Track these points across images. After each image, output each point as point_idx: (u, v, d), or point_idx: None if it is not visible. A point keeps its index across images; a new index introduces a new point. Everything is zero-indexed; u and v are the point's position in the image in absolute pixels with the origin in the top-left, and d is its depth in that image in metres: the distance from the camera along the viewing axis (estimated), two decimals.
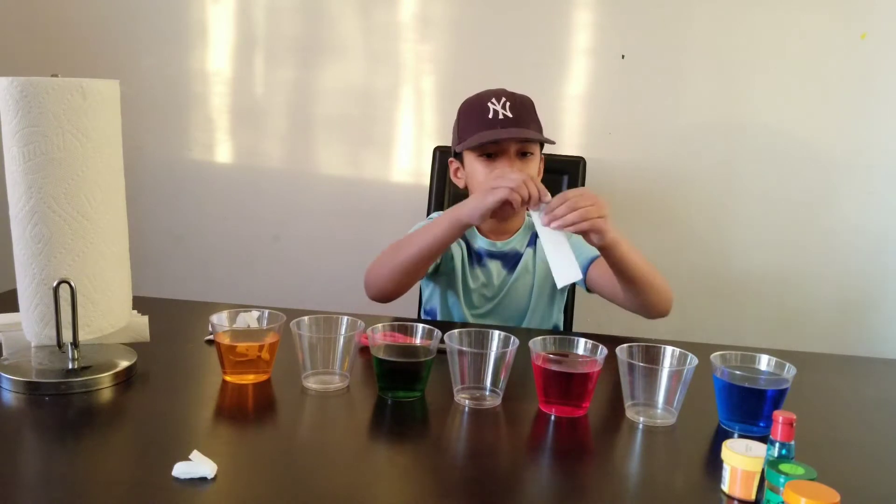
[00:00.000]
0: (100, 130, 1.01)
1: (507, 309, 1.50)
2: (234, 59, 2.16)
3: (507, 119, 1.40)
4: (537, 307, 1.51)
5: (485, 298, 1.51)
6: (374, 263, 1.38)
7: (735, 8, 1.94)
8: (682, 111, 2.02)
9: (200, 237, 2.26)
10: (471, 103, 1.47)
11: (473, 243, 1.51)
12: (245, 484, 0.81)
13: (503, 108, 1.41)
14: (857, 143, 1.97)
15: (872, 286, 2.04)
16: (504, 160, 1.41)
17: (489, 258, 1.51)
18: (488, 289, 1.50)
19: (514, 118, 1.41)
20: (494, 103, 1.41)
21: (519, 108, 1.42)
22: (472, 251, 1.51)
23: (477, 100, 1.46)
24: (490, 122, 1.41)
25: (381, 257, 1.38)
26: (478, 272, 1.50)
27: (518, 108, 1.42)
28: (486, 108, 1.42)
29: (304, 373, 1.07)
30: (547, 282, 1.50)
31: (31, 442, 0.92)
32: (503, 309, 1.50)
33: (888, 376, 1.33)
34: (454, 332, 1.05)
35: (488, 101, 1.42)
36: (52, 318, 1.01)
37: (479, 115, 1.42)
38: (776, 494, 0.74)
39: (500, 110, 1.41)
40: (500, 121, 1.40)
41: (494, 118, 1.41)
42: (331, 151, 2.18)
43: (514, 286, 1.50)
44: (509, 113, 1.41)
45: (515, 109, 1.41)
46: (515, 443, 0.97)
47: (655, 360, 1.03)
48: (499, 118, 1.41)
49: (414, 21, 2.06)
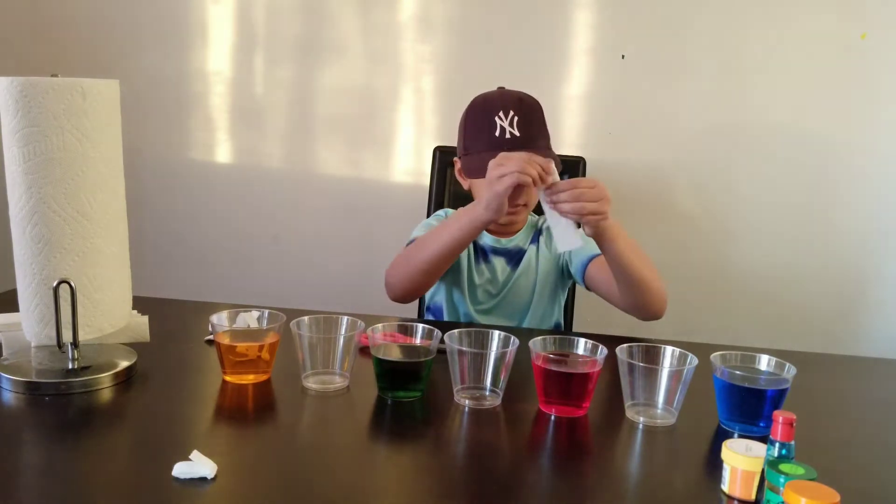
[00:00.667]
0: (100, 130, 1.01)
1: (510, 305, 1.51)
2: (234, 58, 2.16)
3: (514, 139, 1.39)
4: (539, 304, 1.51)
5: (489, 294, 1.51)
6: (394, 265, 1.38)
7: (735, 8, 1.94)
8: (682, 111, 2.02)
9: (200, 237, 2.26)
10: (478, 112, 1.45)
11: (479, 239, 1.51)
12: (245, 484, 0.81)
13: (511, 124, 1.39)
14: (858, 143, 1.97)
15: (873, 286, 2.04)
16: None
17: (494, 255, 1.51)
18: (493, 285, 1.51)
19: (522, 137, 1.39)
20: (502, 118, 1.39)
21: (526, 123, 1.40)
22: (478, 247, 1.52)
23: (484, 110, 1.43)
24: (497, 143, 1.39)
25: (400, 259, 1.38)
26: (483, 268, 1.51)
27: (525, 125, 1.40)
28: (493, 125, 1.40)
29: (304, 373, 1.07)
30: (549, 279, 1.51)
31: (31, 442, 0.92)
32: (506, 305, 1.51)
33: (888, 376, 1.33)
34: (454, 332, 1.05)
35: (496, 116, 1.40)
36: (52, 318, 1.01)
37: (486, 131, 1.40)
38: (776, 494, 0.74)
39: (507, 128, 1.39)
40: (507, 140, 1.38)
41: (501, 137, 1.39)
42: (331, 151, 2.18)
43: (518, 283, 1.50)
44: (517, 131, 1.39)
45: (523, 126, 1.39)
46: (515, 443, 0.97)
47: (655, 360, 1.03)
48: (506, 137, 1.39)
49: (414, 21, 2.06)
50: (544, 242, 1.52)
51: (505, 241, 1.52)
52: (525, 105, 1.42)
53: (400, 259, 1.38)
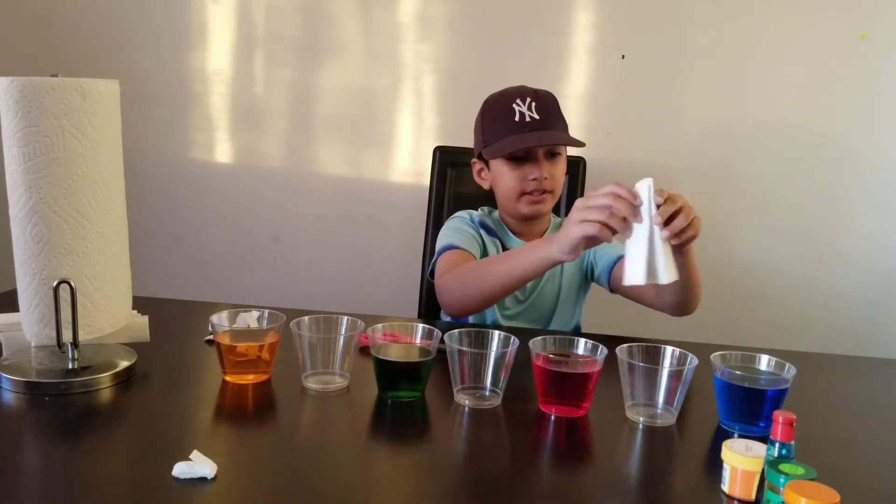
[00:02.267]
0: (100, 130, 1.01)
1: (535, 310, 1.50)
2: (234, 58, 2.16)
3: (534, 121, 1.39)
4: (563, 308, 1.51)
5: (516, 300, 1.50)
6: (453, 283, 1.33)
7: (735, 8, 1.94)
8: (682, 111, 2.02)
9: (200, 237, 2.26)
10: (494, 104, 1.46)
11: (507, 244, 1.51)
12: (245, 484, 0.81)
13: (529, 109, 1.39)
14: (858, 143, 1.97)
15: (873, 286, 2.04)
16: (533, 163, 1.41)
17: None
18: (520, 291, 1.49)
19: (541, 119, 1.40)
20: (520, 104, 1.40)
21: (544, 107, 1.41)
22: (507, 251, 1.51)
23: (500, 100, 1.44)
24: (517, 126, 1.40)
25: (461, 278, 1.32)
26: None
27: (543, 108, 1.41)
28: (511, 111, 1.40)
29: (304, 373, 1.06)
30: (572, 283, 1.51)
31: (31, 442, 0.92)
32: (532, 310, 1.50)
33: (888, 376, 1.33)
34: (454, 332, 1.05)
35: (513, 103, 1.41)
36: (52, 318, 1.01)
37: (505, 117, 1.41)
38: (776, 494, 0.74)
39: (525, 112, 1.39)
40: (528, 123, 1.39)
41: (521, 121, 1.39)
42: (331, 151, 2.18)
43: (544, 288, 1.50)
44: (535, 114, 1.39)
45: (541, 110, 1.40)
46: (515, 443, 0.97)
47: (655, 360, 1.03)
48: (525, 121, 1.39)
49: (414, 21, 2.06)
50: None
51: None
52: (541, 95, 1.44)
53: (456, 281, 1.33)
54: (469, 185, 1.64)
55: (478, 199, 1.63)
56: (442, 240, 1.46)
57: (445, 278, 1.35)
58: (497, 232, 1.51)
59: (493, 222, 1.53)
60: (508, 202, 1.48)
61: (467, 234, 1.47)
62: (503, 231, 1.52)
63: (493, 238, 1.50)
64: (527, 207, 1.45)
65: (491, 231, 1.51)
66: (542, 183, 1.42)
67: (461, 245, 1.43)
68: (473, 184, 1.57)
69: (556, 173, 1.45)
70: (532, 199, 1.44)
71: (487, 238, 1.50)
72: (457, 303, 1.34)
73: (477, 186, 1.56)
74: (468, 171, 1.60)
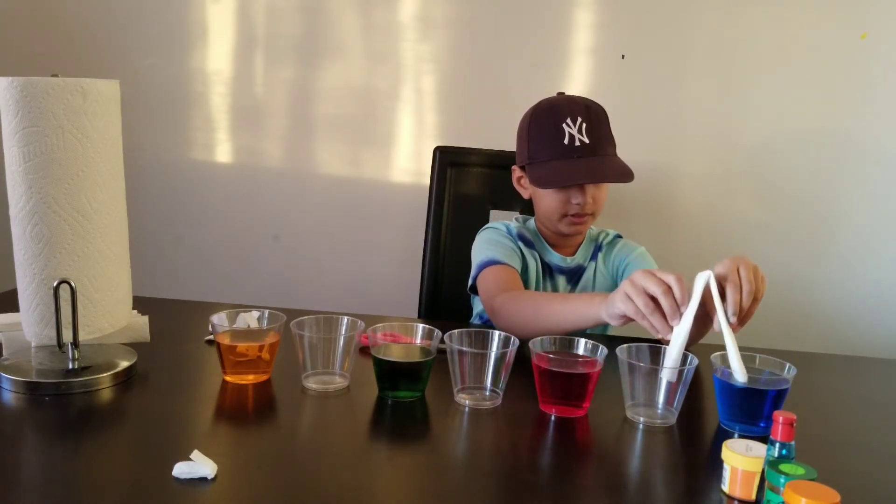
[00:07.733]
0: (100, 130, 1.01)
1: None
2: (234, 58, 2.16)
3: (583, 146, 1.37)
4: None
5: None
6: (508, 307, 1.30)
7: (735, 8, 1.94)
8: (683, 111, 2.01)
9: (200, 237, 2.26)
10: (543, 119, 1.43)
11: (545, 257, 1.51)
12: (245, 484, 0.81)
13: (579, 131, 1.36)
14: (858, 143, 1.97)
15: (873, 287, 2.04)
16: (578, 188, 1.40)
17: (559, 273, 1.51)
18: None
19: (591, 144, 1.37)
20: (570, 125, 1.37)
21: (595, 130, 1.38)
22: (545, 265, 1.51)
23: (550, 117, 1.41)
24: (565, 150, 1.37)
25: (516, 305, 1.30)
26: (548, 286, 1.51)
27: (594, 132, 1.38)
28: (560, 132, 1.37)
29: (304, 373, 1.07)
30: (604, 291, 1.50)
31: (31, 442, 0.92)
32: None
33: (888, 376, 1.33)
34: (454, 332, 1.05)
35: (563, 123, 1.38)
36: (52, 318, 1.01)
37: (554, 139, 1.38)
38: (776, 494, 0.74)
39: (576, 135, 1.36)
40: (577, 149, 1.37)
41: (571, 144, 1.37)
42: (331, 151, 2.18)
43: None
44: (586, 138, 1.37)
45: (591, 131, 1.37)
46: (515, 443, 0.97)
47: (655, 360, 1.03)
48: (575, 145, 1.37)
49: (414, 21, 2.06)
50: (601, 259, 1.52)
51: (570, 260, 1.51)
52: (592, 112, 1.41)
53: (512, 306, 1.29)
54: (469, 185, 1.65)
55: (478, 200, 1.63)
56: (481, 253, 1.44)
57: (498, 301, 1.32)
58: (535, 244, 1.51)
59: (531, 234, 1.52)
60: (548, 220, 1.47)
61: (507, 247, 1.45)
62: (541, 243, 1.52)
63: (531, 250, 1.50)
64: (567, 228, 1.45)
65: (529, 243, 1.50)
66: (585, 207, 1.42)
67: (503, 259, 1.41)
68: (474, 184, 1.57)
69: (599, 196, 1.44)
70: (573, 221, 1.43)
71: (526, 250, 1.49)
72: (510, 329, 1.29)
73: (478, 187, 1.56)
74: (468, 171, 1.59)
